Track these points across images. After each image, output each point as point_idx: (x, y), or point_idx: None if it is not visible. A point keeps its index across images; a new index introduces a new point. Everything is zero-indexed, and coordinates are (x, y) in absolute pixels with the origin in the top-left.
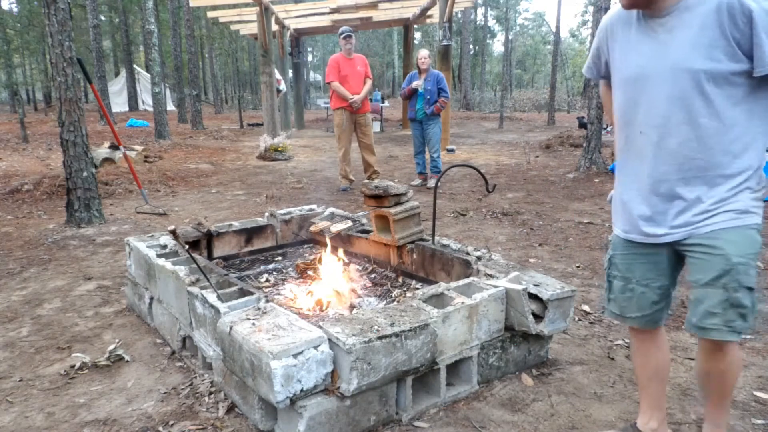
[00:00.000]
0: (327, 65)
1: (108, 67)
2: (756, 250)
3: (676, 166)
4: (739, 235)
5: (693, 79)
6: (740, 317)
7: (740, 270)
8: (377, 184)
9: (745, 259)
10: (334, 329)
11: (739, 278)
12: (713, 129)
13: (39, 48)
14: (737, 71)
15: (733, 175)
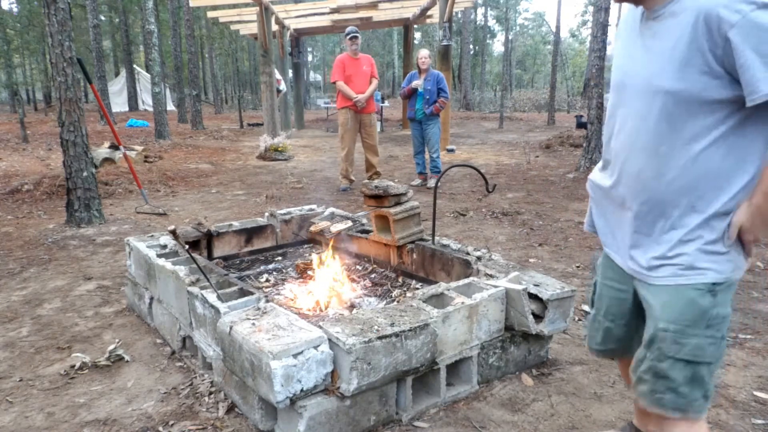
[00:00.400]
0: (333, 64)
1: (108, 67)
2: (695, 316)
3: (635, 194)
4: (675, 296)
5: (660, 100)
6: (670, 391)
7: (666, 338)
8: (377, 184)
9: (675, 326)
10: (334, 329)
11: (663, 347)
12: (675, 162)
13: (39, 48)
14: (718, 98)
15: (691, 222)
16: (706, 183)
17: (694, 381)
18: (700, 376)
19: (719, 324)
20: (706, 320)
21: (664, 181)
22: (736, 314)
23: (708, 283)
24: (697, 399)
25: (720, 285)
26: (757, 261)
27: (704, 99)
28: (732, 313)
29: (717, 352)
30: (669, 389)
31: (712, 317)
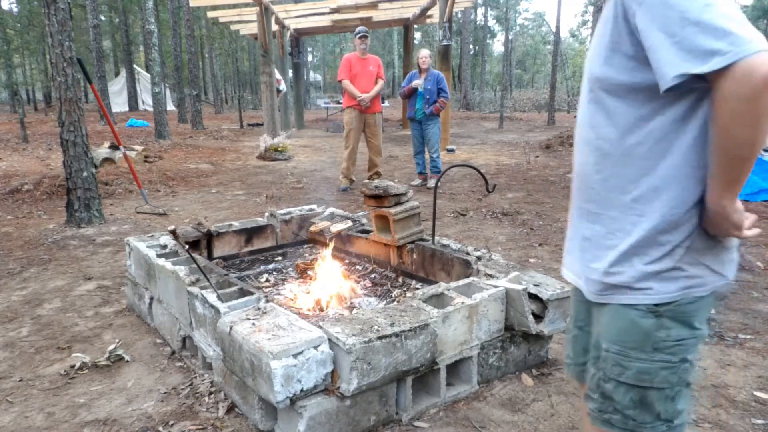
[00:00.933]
0: (340, 63)
1: (108, 67)
2: (637, 339)
3: (580, 192)
4: (615, 316)
5: (594, 88)
6: (617, 413)
7: (608, 359)
8: (377, 184)
9: (617, 348)
10: (334, 329)
11: (606, 369)
12: (611, 158)
13: (39, 48)
14: (647, 84)
15: (632, 231)
16: (642, 185)
17: (643, 405)
18: (648, 401)
19: (673, 348)
20: (651, 343)
21: (600, 177)
22: (736, 314)
23: (649, 304)
24: (649, 422)
25: (665, 306)
26: (757, 261)
27: (633, 86)
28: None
29: (672, 378)
30: (616, 410)
31: (659, 340)
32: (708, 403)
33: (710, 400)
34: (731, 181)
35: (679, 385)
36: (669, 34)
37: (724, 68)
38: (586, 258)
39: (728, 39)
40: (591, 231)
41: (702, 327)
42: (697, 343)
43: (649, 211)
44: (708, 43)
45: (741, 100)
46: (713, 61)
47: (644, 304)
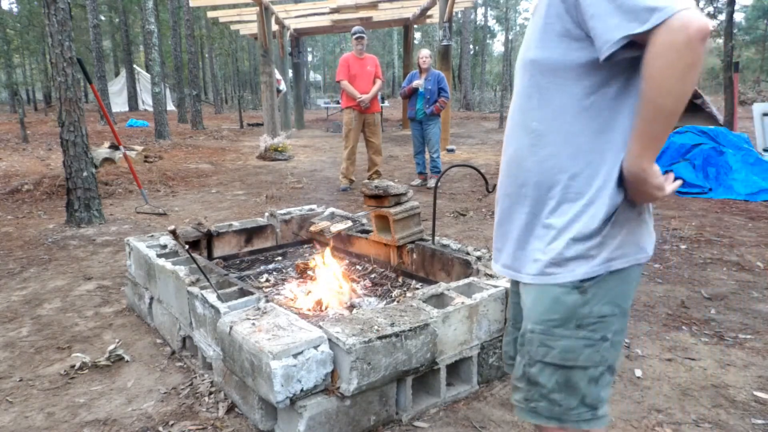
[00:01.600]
0: (338, 64)
1: (108, 67)
2: (562, 315)
3: (512, 178)
4: (541, 295)
5: (529, 72)
6: (543, 398)
7: (533, 340)
8: (377, 184)
9: (542, 327)
10: (334, 329)
11: (531, 350)
12: (547, 138)
13: (39, 48)
14: (581, 62)
15: (564, 210)
16: (578, 162)
17: (568, 387)
18: (573, 382)
19: (595, 324)
20: (576, 320)
21: (537, 159)
22: (736, 314)
23: (574, 280)
24: (574, 407)
25: (590, 280)
26: (757, 261)
27: (567, 65)
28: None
29: (595, 356)
30: (542, 396)
31: (583, 316)
32: (708, 403)
33: (710, 400)
34: (653, 137)
35: (602, 364)
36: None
37: (662, 22)
38: (522, 243)
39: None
40: (526, 214)
41: (623, 304)
42: (618, 321)
43: (586, 188)
44: (648, 2)
45: (675, 50)
46: (654, 17)
47: (570, 281)
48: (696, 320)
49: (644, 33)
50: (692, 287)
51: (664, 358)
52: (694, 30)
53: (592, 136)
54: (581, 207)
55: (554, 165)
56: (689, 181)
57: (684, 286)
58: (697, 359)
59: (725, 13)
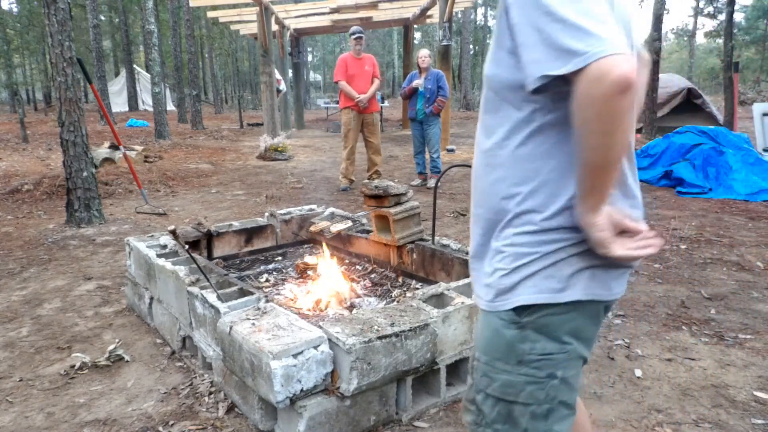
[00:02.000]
0: (336, 64)
1: (108, 67)
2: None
3: (473, 197)
4: (484, 323)
5: (485, 89)
6: (488, 426)
7: (477, 369)
8: (377, 184)
9: (486, 357)
10: (334, 329)
11: (475, 379)
12: (497, 159)
13: (39, 48)
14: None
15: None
16: (525, 187)
17: (510, 420)
18: (514, 416)
19: (539, 362)
20: (516, 356)
21: (488, 181)
22: (736, 314)
23: (508, 310)
24: None
25: (527, 313)
26: (757, 261)
27: (514, 84)
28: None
29: (539, 394)
30: (487, 424)
31: (524, 353)
32: (708, 403)
33: (710, 400)
34: (587, 189)
35: (548, 402)
36: (537, 30)
37: (579, 69)
38: (475, 264)
39: (587, 40)
40: (480, 236)
41: (572, 342)
42: (569, 360)
43: (533, 215)
44: (569, 43)
45: (592, 104)
46: (573, 62)
47: (504, 311)
48: (696, 320)
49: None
50: (692, 287)
51: (664, 358)
52: (612, 81)
53: (540, 161)
54: (526, 234)
55: (502, 189)
56: (689, 181)
57: (684, 286)
58: (697, 359)
59: (725, 13)
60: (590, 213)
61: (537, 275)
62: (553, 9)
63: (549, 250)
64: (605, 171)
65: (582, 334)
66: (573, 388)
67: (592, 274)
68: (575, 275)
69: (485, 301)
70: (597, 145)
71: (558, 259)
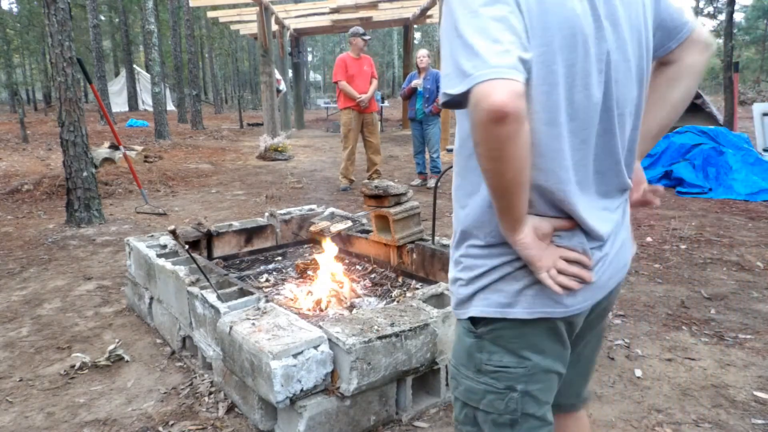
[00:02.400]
0: (335, 65)
1: (108, 67)
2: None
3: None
4: (456, 328)
5: None
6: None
7: (450, 372)
8: (377, 184)
9: (453, 361)
10: (334, 329)
11: (450, 381)
12: (457, 167)
13: (39, 48)
14: None
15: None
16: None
17: (476, 425)
18: (478, 422)
19: (496, 373)
20: (475, 364)
21: (454, 186)
22: (736, 314)
23: (464, 319)
24: None
25: (482, 324)
26: (757, 261)
27: None
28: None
29: (499, 404)
30: (458, 424)
31: (481, 362)
32: (708, 403)
33: (710, 400)
34: (497, 209)
35: (509, 414)
36: (448, 44)
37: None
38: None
39: (473, 60)
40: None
41: (531, 357)
42: (530, 374)
43: (478, 224)
44: (462, 62)
45: (474, 128)
46: (461, 84)
47: (465, 319)
48: (696, 320)
49: None
50: (692, 287)
51: (664, 358)
52: (484, 109)
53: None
54: (477, 245)
55: (458, 197)
56: (689, 181)
57: (684, 286)
58: (697, 359)
59: (725, 13)
60: (509, 232)
61: (488, 289)
62: (458, 24)
63: (496, 264)
64: (506, 194)
65: (543, 349)
66: (540, 401)
67: (539, 290)
68: (523, 291)
69: (451, 307)
70: (487, 168)
71: (505, 274)
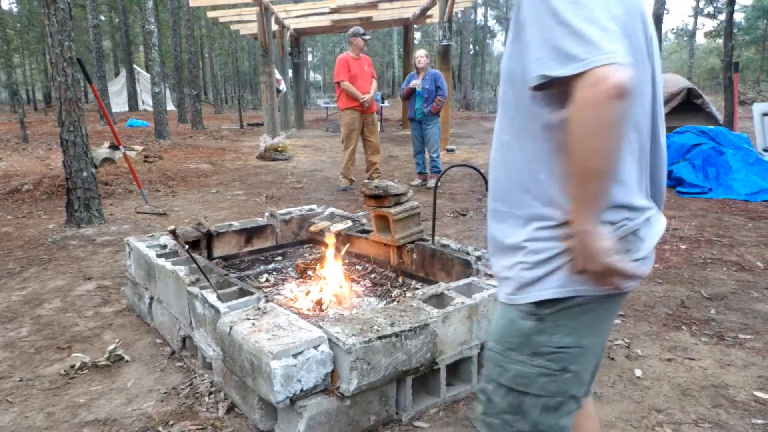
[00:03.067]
0: (336, 65)
1: (108, 67)
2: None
3: (490, 191)
4: (501, 314)
5: (502, 80)
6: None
7: (491, 358)
8: (377, 184)
9: (500, 347)
10: (334, 329)
11: (488, 368)
12: (514, 151)
13: (39, 48)
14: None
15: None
16: (540, 183)
17: (520, 412)
18: (525, 408)
19: (554, 354)
20: (531, 347)
21: (506, 176)
22: (736, 314)
23: (528, 303)
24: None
25: (548, 306)
26: (757, 261)
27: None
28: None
29: (551, 386)
30: (496, 414)
31: (539, 344)
32: (708, 403)
33: (710, 400)
34: (586, 197)
35: (560, 396)
36: (542, 29)
37: (579, 74)
38: (496, 258)
39: (588, 46)
40: (498, 230)
41: (588, 336)
42: (583, 354)
43: (548, 209)
44: (570, 47)
45: (589, 108)
46: (571, 66)
47: (525, 303)
48: (696, 320)
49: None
50: (692, 287)
51: (664, 358)
52: (609, 87)
53: (553, 159)
54: (544, 228)
55: (519, 183)
56: (689, 181)
57: (684, 286)
58: (697, 359)
59: (725, 13)
60: (589, 223)
61: (560, 270)
62: (559, 11)
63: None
64: (597, 177)
65: (599, 328)
66: (583, 381)
67: None
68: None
69: (504, 293)
70: (592, 148)
71: None
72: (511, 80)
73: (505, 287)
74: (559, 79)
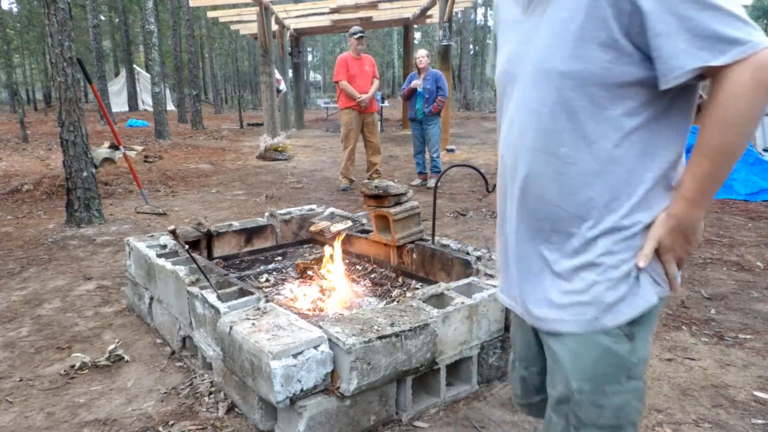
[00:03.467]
0: (335, 64)
1: (108, 67)
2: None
3: (529, 209)
4: (585, 346)
5: (555, 86)
6: None
7: (582, 402)
8: (377, 184)
9: (592, 385)
10: (334, 329)
11: (580, 413)
12: (580, 167)
13: (39, 48)
14: (628, 80)
15: (601, 244)
16: (617, 192)
17: None
18: None
19: (640, 370)
20: (626, 371)
21: (566, 190)
22: (736, 314)
23: (622, 324)
24: None
25: (637, 322)
26: (757, 261)
27: (610, 82)
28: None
29: (639, 405)
30: None
31: (632, 366)
32: (708, 403)
33: (710, 400)
34: (714, 183)
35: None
36: (681, 18)
37: (744, 58)
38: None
39: (745, 28)
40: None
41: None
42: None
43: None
44: (728, 31)
45: (759, 90)
46: (734, 50)
47: (617, 325)
48: (696, 320)
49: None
50: (692, 287)
51: (664, 358)
52: None
53: (633, 163)
54: (622, 241)
55: (589, 196)
56: None
57: (684, 286)
58: (697, 359)
59: None
60: (703, 209)
61: (642, 279)
62: None
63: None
64: (734, 161)
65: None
66: None
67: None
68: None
69: (584, 320)
70: (746, 131)
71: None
72: (576, 83)
73: (582, 314)
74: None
